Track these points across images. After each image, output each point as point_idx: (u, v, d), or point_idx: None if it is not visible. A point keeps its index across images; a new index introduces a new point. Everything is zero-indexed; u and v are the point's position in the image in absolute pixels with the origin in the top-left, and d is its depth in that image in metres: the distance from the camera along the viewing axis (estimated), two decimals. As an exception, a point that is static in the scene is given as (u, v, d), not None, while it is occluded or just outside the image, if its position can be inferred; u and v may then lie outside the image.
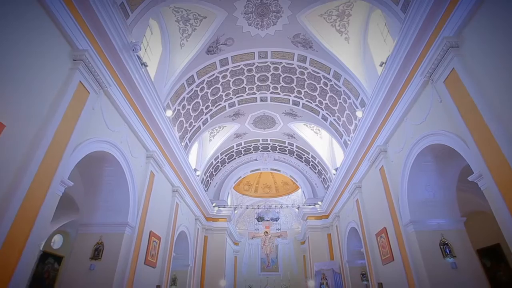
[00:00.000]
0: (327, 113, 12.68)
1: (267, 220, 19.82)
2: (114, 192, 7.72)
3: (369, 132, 9.20)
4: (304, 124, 14.93)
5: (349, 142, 11.04)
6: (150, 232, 8.97)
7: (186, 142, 12.41)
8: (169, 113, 9.27)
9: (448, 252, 6.87)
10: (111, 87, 6.54)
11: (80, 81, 5.58)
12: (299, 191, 20.58)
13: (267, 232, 18.75)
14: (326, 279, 13.82)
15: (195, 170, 12.99)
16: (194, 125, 12.67)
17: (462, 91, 5.24)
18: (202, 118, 12.92)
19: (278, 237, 18.99)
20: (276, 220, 21.27)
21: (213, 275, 14.89)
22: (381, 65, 7.74)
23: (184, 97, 11.21)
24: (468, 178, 5.31)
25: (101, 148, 6.50)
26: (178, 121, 11.47)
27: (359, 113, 9.43)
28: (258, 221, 21.22)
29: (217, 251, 15.69)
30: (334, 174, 13.12)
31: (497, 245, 9.94)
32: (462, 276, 6.60)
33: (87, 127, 5.96)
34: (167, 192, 10.69)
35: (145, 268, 8.56)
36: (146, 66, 7.66)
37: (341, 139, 12.53)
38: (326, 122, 13.06)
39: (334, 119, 12.43)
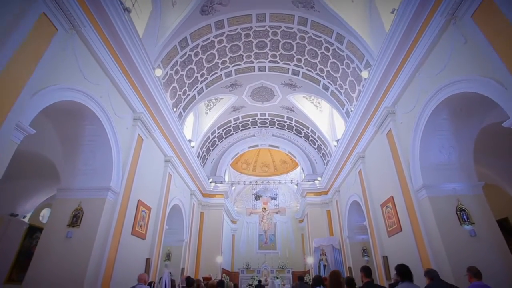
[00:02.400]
0: (328, 82, 11.63)
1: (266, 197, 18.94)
2: (95, 154, 6.76)
3: (375, 94, 8.20)
4: (303, 97, 13.89)
5: (352, 110, 10.03)
6: (139, 201, 8.05)
7: (180, 112, 11.39)
8: (158, 72, 8.23)
9: (466, 219, 6.00)
10: (86, 29, 5.52)
11: (44, 13, 4.56)
12: (298, 169, 19.71)
13: (265, 209, 17.92)
14: (325, 255, 13.03)
15: (190, 141, 12.00)
16: (189, 94, 11.62)
17: (498, 23, 4.23)
18: (197, 87, 11.85)
19: (276, 213, 18.19)
20: (275, 199, 20.45)
21: (210, 252, 14.10)
22: (392, 12, 6.69)
23: (177, 61, 10.13)
24: (503, 124, 4.33)
25: (75, 98, 5.49)
26: (171, 87, 10.42)
27: (364, 74, 8.41)
28: (256, 200, 20.39)
29: (214, 227, 14.88)
30: (335, 146, 12.17)
31: (505, 219, 9.22)
32: (481, 244, 5.73)
33: (55, 70, 4.99)
34: (159, 161, 9.73)
35: (132, 239, 7.68)
36: (129, 11, 6.59)
37: (343, 109, 11.52)
38: (327, 92, 12.03)
39: (336, 88, 11.39)
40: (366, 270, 3.88)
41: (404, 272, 3.60)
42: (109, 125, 6.59)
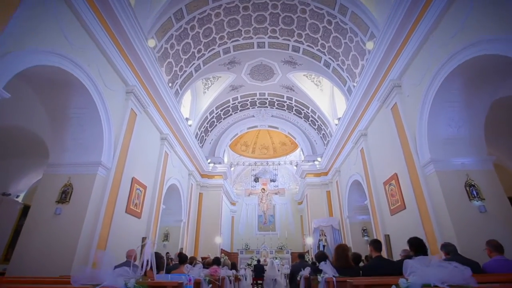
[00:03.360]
0: (330, 58, 11.06)
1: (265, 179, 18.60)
2: (84, 128, 6.31)
3: (380, 67, 7.68)
4: (304, 75, 13.34)
5: (354, 86, 9.52)
6: (133, 178, 7.67)
7: (177, 89, 10.86)
8: (151, 42, 7.68)
9: (475, 195, 5.63)
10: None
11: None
12: (297, 151, 19.33)
13: (264, 189, 17.61)
14: (325, 235, 12.79)
15: (187, 119, 11.53)
16: (185, 71, 11.06)
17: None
18: (194, 64, 11.28)
19: (276, 194, 17.90)
20: (274, 181, 20.14)
21: (209, 232, 13.87)
22: (402, -26, 6.09)
23: (172, 35, 9.52)
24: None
25: (59, 64, 5.00)
26: (166, 62, 9.86)
27: (369, 45, 7.87)
28: (256, 182, 20.08)
29: (213, 208, 14.60)
30: (336, 125, 11.71)
31: (510, 198, 8.86)
32: (491, 220, 5.38)
33: (35, 30, 4.46)
34: (154, 139, 9.30)
35: (126, 217, 7.33)
36: (115, -29, 5.99)
37: (345, 86, 11.00)
38: (329, 69, 11.47)
39: (338, 64, 10.83)
40: (376, 244, 3.51)
41: (418, 245, 3.23)
42: (98, 96, 6.12)
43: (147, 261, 2.11)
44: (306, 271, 4.76)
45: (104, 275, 1.62)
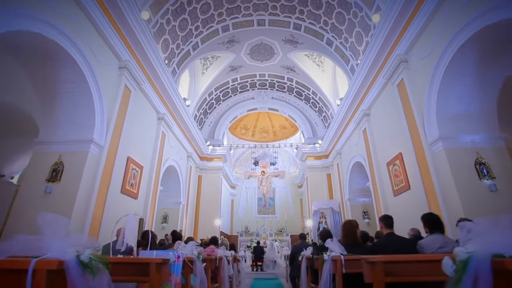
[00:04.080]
0: (332, 36, 10.53)
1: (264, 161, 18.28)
2: (75, 103, 5.94)
3: (387, 41, 7.22)
4: (305, 55, 12.82)
5: (358, 64, 9.06)
6: (128, 158, 7.34)
7: (174, 68, 10.39)
8: (145, 15, 7.20)
9: (485, 173, 5.32)
10: None
11: None
12: (297, 135, 18.97)
13: (264, 172, 17.35)
14: (325, 218, 12.60)
15: (185, 99, 11.11)
16: (183, 49, 10.56)
17: None
18: (191, 41, 10.76)
19: (276, 176, 17.66)
20: (274, 164, 19.86)
21: (208, 215, 13.67)
22: None
23: (168, 9, 8.98)
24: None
25: (42, 31, 4.57)
26: (162, 39, 9.36)
27: (375, 17, 7.39)
28: (255, 165, 19.80)
29: (212, 191, 14.36)
30: (338, 106, 11.31)
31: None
32: (502, 199, 5.08)
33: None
34: (151, 119, 8.92)
35: (122, 198, 7.05)
36: None
37: (348, 65, 10.53)
38: (331, 47, 10.96)
39: (341, 42, 10.32)
40: (387, 220, 3.20)
41: (434, 221, 2.92)
42: (88, 70, 5.71)
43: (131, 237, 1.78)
44: (308, 251, 4.50)
45: (48, 244, 1.26)
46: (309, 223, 13.70)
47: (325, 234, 4.12)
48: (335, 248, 2.62)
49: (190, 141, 12.59)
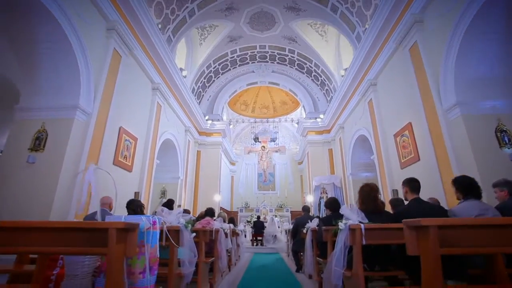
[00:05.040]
0: (337, 1, 9.71)
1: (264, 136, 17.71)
2: (58, 66, 5.35)
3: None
4: (308, 24, 11.98)
5: (365, 31, 8.34)
6: (120, 128, 6.81)
7: (169, 35, 9.64)
8: (133, -30, 6.42)
9: (507, 141, 4.83)
10: None
11: None
12: (298, 111, 18.36)
13: (264, 147, 16.87)
14: (326, 193, 12.24)
15: (182, 69, 10.43)
16: (178, 14, 9.75)
17: None
18: (187, 7, 9.93)
19: (276, 151, 17.20)
20: (274, 141, 19.36)
21: (208, 190, 13.31)
22: None
23: (160, -32, 8.16)
24: None
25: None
26: (155, 2, 8.56)
27: (388, -26, 6.60)
28: (256, 142, 19.32)
29: (211, 166, 13.93)
30: (342, 76, 10.64)
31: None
32: (524, 169, 4.57)
33: None
34: (145, 88, 8.31)
35: (114, 169, 6.57)
36: None
37: (353, 33, 9.77)
38: (336, 14, 10.15)
39: (347, 7, 9.52)
40: (412, 183, 2.72)
41: (468, 185, 2.44)
42: (68, 26, 5.06)
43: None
44: (313, 223, 4.09)
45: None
46: (310, 199, 13.37)
47: (333, 203, 3.66)
48: (352, 216, 2.15)
49: (188, 115, 12.01)
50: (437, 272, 1.13)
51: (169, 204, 3.72)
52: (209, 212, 4.60)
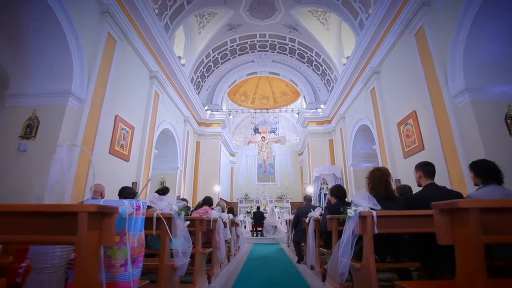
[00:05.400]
0: (340, -14, 9.38)
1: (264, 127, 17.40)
2: (49, 51, 5.10)
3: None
4: (309, 11, 11.62)
5: (368, 17, 8.04)
6: (117, 116, 6.58)
7: (167, 22, 9.33)
8: (127, -50, 6.11)
9: (517, 128, 4.57)
10: None
11: None
12: (298, 101, 18.06)
13: (264, 137, 16.63)
14: (326, 184, 12.07)
15: (180, 58, 10.14)
16: (175, 0, 9.42)
17: None
18: (185, -7, 9.60)
19: (276, 142, 16.98)
20: (274, 132, 19.12)
21: (207, 181, 13.13)
22: None
23: (156, -49, 7.82)
24: None
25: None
26: (151, -13, 8.24)
27: (394, -46, 6.29)
28: (256, 133, 19.07)
29: (211, 157, 13.72)
30: (344, 65, 10.36)
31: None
32: (535, 158, 4.36)
33: None
34: (142, 76, 8.04)
35: (111, 159, 6.38)
36: None
37: (356, 20, 9.45)
38: (338, 0, 9.81)
39: (350, -7, 9.19)
40: (427, 167, 2.51)
41: (487, 169, 2.23)
42: (59, 9, 4.79)
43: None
44: (316, 212, 3.90)
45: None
46: (310, 189, 13.21)
47: (339, 190, 3.44)
48: (362, 202, 1.94)
49: (187, 104, 11.75)
50: (479, 264, 0.93)
51: (164, 192, 3.55)
52: (207, 201, 4.40)
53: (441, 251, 1.86)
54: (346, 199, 3.30)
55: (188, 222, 2.15)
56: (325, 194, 11.81)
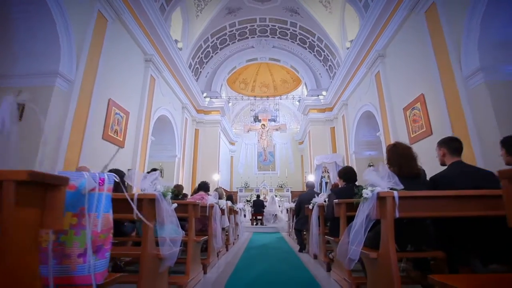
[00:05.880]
0: (344, -35, 8.91)
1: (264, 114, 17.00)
2: (33, 28, 4.75)
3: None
4: (311, -7, 11.15)
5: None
6: (110, 100, 6.27)
7: (162, 3, 8.89)
8: None
9: (535, 109, 4.26)
10: None
11: None
12: (299, 89, 17.67)
13: (264, 125, 16.30)
14: (328, 172, 11.81)
15: (176, 41, 9.73)
16: (171, -20, 8.98)
17: None
18: (181, -28, 9.14)
19: (277, 130, 16.65)
20: (274, 121, 18.78)
21: (206, 169, 12.88)
22: None
23: None
24: None
25: None
26: (145, -36, 7.79)
27: None
28: (255, 121, 18.73)
29: (210, 145, 13.44)
30: (348, 49, 9.96)
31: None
32: (554, 140, 4.05)
33: None
34: (136, 59, 7.68)
35: (104, 144, 6.09)
36: None
37: (360, 1, 9.01)
38: (342, -20, 9.36)
39: (354, -28, 8.74)
40: (452, 143, 2.22)
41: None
42: (44, -21, 4.42)
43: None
44: (320, 198, 3.63)
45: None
46: (311, 178, 12.96)
47: (350, 172, 3.14)
48: (381, 182, 1.66)
49: (184, 91, 11.38)
50: None
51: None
52: (203, 186, 4.13)
53: (473, 237, 1.60)
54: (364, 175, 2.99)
55: (175, 205, 1.87)
56: (326, 183, 11.57)
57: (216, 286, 2.74)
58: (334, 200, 2.64)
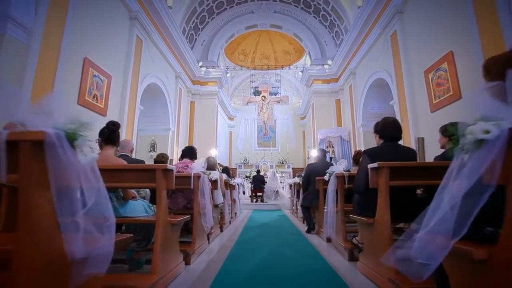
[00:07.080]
0: None
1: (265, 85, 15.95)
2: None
3: None
4: None
5: None
6: (85, 59, 5.36)
7: (148, -47, 7.73)
8: None
9: None
10: None
11: None
12: (302, 60, 16.54)
13: (264, 97, 15.33)
14: (332, 147, 11.03)
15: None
16: None
17: None
18: None
19: (278, 102, 15.72)
20: (275, 94, 17.78)
21: (203, 144, 12.05)
22: None
23: None
24: None
25: None
26: None
27: None
28: (255, 95, 17.73)
29: (207, 118, 12.57)
30: (359, 7, 8.86)
31: None
32: None
33: None
34: (119, 15, 6.68)
35: (80, 110, 5.23)
36: None
37: (375, -49, 7.83)
38: None
39: None
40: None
41: None
42: None
43: None
44: (339, 167, 2.85)
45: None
46: (314, 153, 12.19)
47: (390, 125, 2.28)
48: (505, 111, 0.81)
49: (178, 58, 10.36)
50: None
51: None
52: (188, 152, 3.32)
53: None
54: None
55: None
56: (330, 158, 10.80)
57: (197, 286, 1.99)
58: (369, 165, 1.85)
